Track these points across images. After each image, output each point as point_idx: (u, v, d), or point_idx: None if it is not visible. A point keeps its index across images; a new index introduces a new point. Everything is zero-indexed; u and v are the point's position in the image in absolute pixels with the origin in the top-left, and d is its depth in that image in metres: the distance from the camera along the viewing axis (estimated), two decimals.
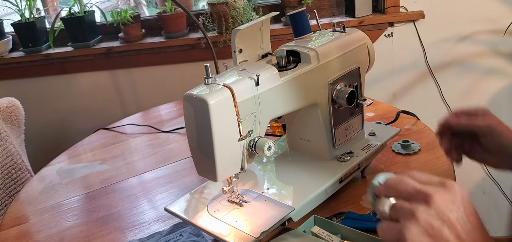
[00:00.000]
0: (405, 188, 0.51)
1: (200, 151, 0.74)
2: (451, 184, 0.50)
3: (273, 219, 0.75)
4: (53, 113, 2.00)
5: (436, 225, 0.48)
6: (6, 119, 1.39)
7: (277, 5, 1.84)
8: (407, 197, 0.50)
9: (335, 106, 0.88)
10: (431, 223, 0.48)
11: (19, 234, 0.95)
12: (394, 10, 1.72)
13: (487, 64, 1.79)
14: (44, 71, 1.92)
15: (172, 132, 1.33)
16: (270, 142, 0.74)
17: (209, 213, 0.80)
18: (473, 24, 1.73)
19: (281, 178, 0.88)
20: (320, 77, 0.84)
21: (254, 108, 0.74)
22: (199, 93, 0.70)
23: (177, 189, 1.02)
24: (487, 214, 2.02)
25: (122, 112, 1.95)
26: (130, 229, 0.90)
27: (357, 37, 0.91)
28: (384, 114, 1.22)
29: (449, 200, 0.49)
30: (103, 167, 1.18)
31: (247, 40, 0.85)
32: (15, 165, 1.35)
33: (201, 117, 0.70)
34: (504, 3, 1.69)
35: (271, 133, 1.18)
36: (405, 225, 0.48)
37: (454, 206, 0.49)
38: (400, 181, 0.52)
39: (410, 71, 1.82)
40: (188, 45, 1.81)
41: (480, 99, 1.84)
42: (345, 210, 0.83)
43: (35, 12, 1.91)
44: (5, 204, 1.28)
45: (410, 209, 0.49)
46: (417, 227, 0.48)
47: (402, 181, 0.51)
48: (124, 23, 1.80)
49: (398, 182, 0.52)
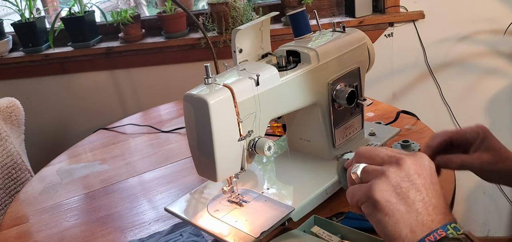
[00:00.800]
0: (377, 154, 0.55)
1: (200, 151, 0.74)
2: (421, 154, 0.54)
3: (273, 219, 0.75)
4: (53, 114, 2.00)
5: (404, 185, 0.51)
6: (6, 119, 1.39)
7: (277, 5, 1.84)
8: (379, 163, 0.54)
9: (335, 106, 0.88)
10: (400, 183, 0.51)
11: (19, 234, 0.95)
12: (394, 10, 1.72)
13: (487, 64, 1.78)
14: (44, 71, 1.92)
15: (172, 132, 1.33)
16: (270, 142, 0.74)
17: (209, 213, 0.80)
18: (473, 24, 1.73)
19: (281, 178, 0.88)
20: (320, 77, 0.84)
21: (254, 108, 0.74)
22: (199, 93, 0.70)
23: (177, 189, 1.02)
24: (487, 214, 2.02)
25: (122, 112, 1.95)
26: (130, 229, 0.90)
27: (357, 37, 0.91)
28: (384, 114, 1.22)
29: (419, 165, 0.53)
30: (103, 167, 1.18)
31: (247, 40, 0.86)
32: (15, 165, 1.35)
33: (201, 117, 0.70)
34: (504, 3, 1.69)
35: (271, 133, 1.18)
36: (375, 181, 0.52)
37: (423, 172, 0.52)
38: (373, 149, 0.56)
39: (410, 71, 1.82)
40: (188, 45, 1.81)
41: (480, 99, 1.84)
42: (345, 210, 0.83)
43: (35, 12, 1.92)
44: (5, 204, 1.28)
45: (381, 169, 0.52)
46: (386, 184, 0.51)
47: (375, 149, 0.56)
48: (124, 23, 1.80)
49: (371, 150, 0.56)
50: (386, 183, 0.51)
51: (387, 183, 0.51)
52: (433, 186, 0.52)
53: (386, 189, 0.51)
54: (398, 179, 0.51)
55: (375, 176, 0.52)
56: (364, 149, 0.57)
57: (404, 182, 0.51)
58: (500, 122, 1.88)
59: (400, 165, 0.52)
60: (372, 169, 0.54)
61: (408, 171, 0.52)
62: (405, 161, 0.52)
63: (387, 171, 0.52)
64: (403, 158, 0.53)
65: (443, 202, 0.52)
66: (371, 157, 0.55)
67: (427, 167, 0.53)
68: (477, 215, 2.00)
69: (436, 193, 0.52)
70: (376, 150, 0.56)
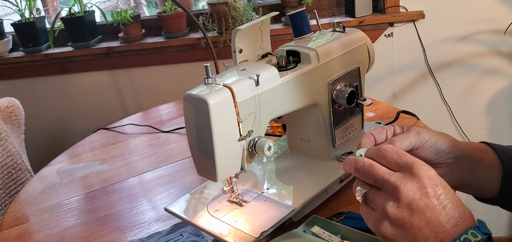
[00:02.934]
0: (375, 175, 0.54)
1: (200, 151, 0.74)
2: (417, 169, 0.52)
3: (273, 219, 0.75)
4: (53, 113, 2.01)
5: (405, 216, 0.51)
6: (6, 119, 1.39)
7: (277, 5, 1.84)
8: (379, 184, 0.54)
9: (335, 106, 0.88)
10: (401, 216, 0.51)
11: (19, 234, 0.95)
12: (394, 10, 1.72)
13: (487, 64, 1.78)
14: (44, 71, 1.92)
15: (172, 132, 1.33)
16: (270, 142, 0.74)
17: (209, 213, 0.80)
18: (473, 24, 1.73)
19: (281, 178, 0.88)
20: (320, 77, 0.84)
21: (254, 108, 0.74)
22: (199, 93, 0.70)
23: (177, 189, 1.02)
24: (487, 214, 2.01)
25: (122, 112, 1.95)
26: (130, 229, 0.90)
27: (357, 37, 0.91)
28: (384, 114, 1.22)
29: (416, 188, 0.51)
30: (103, 167, 1.18)
31: (247, 40, 0.85)
32: (15, 165, 1.35)
33: (201, 117, 0.70)
34: (504, 3, 1.69)
35: (271, 133, 1.18)
36: (378, 219, 0.52)
37: (422, 193, 0.51)
38: (370, 167, 0.55)
39: (410, 71, 1.82)
40: (188, 45, 1.81)
41: (480, 99, 1.84)
42: (345, 210, 0.83)
43: (35, 12, 1.92)
44: (5, 204, 1.28)
45: (381, 205, 0.52)
46: (388, 221, 0.52)
47: (372, 168, 0.54)
48: (124, 23, 1.80)
49: (369, 169, 0.55)
50: (388, 220, 0.52)
51: (388, 220, 0.52)
52: (438, 198, 0.51)
53: (389, 226, 0.52)
54: (397, 213, 0.51)
55: (377, 209, 0.53)
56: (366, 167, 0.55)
57: (404, 213, 0.51)
58: (500, 122, 1.88)
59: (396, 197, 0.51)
60: (373, 198, 0.54)
61: (406, 200, 0.51)
62: (400, 191, 0.51)
63: (387, 207, 0.52)
64: (398, 187, 0.51)
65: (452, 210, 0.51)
66: (371, 177, 0.54)
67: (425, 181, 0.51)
68: (477, 215, 1.98)
69: (441, 207, 0.51)
70: (374, 169, 0.54)
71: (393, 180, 0.52)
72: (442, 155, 0.63)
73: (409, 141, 0.61)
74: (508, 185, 0.63)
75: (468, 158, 0.64)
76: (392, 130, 0.64)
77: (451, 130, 1.88)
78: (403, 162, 0.53)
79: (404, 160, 0.53)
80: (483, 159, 0.64)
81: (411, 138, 0.61)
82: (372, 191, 0.54)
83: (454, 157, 0.64)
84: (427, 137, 0.62)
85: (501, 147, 0.66)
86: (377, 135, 0.63)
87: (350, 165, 0.57)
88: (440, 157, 0.63)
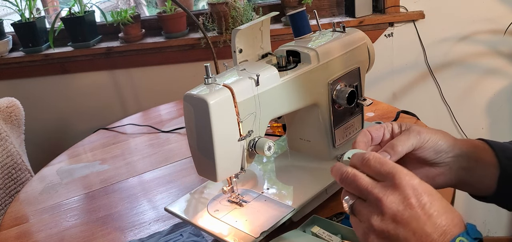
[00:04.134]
0: (359, 186, 0.53)
1: (200, 151, 0.74)
2: (399, 179, 0.51)
3: (273, 219, 0.75)
4: (53, 113, 2.01)
5: (391, 228, 0.50)
6: (6, 119, 1.39)
7: (277, 5, 1.84)
8: (363, 195, 0.53)
9: (335, 106, 0.88)
10: (386, 229, 0.51)
11: (19, 234, 0.95)
12: (394, 10, 1.72)
13: (487, 64, 1.78)
14: (44, 71, 1.92)
15: (172, 132, 1.33)
16: (270, 142, 0.74)
17: (209, 213, 0.80)
18: (473, 24, 1.73)
19: (281, 178, 0.88)
20: (320, 77, 0.84)
21: (254, 108, 0.74)
22: (199, 93, 0.70)
23: (177, 189, 1.02)
24: (487, 214, 2.02)
25: (122, 112, 1.95)
26: (130, 229, 0.90)
27: (357, 37, 0.91)
28: (384, 114, 1.22)
29: (399, 200, 0.51)
30: (103, 167, 1.18)
31: (247, 40, 0.85)
32: (15, 165, 1.35)
33: (201, 117, 0.70)
34: (504, 3, 1.69)
35: (271, 133, 1.18)
36: (365, 232, 0.53)
37: (405, 204, 0.50)
38: (354, 178, 0.54)
39: (410, 71, 1.82)
40: (188, 45, 1.81)
41: (480, 99, 1.84)
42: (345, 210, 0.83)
43: (35, 12, 1.92)
44: (5, 204, 1.28)
45: (367, 218, 0.52)
46: (374, 234, 0.52)
47: (356, 178, 0.54)
48: (124, 23, 1.80)
49: (353, 179, 0.54)
50: (374, 234, 0.52)
51: (374, 234, 0.52)
52: (422, 208, 0.50)
53: (376, 238, 0.52)
54: (382, 226, 0.51)
55: (363, 221, 0.53)
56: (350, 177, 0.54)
57: (389, 225, 0.50)
58: (500, 121, 1.88)
59: (380, 210, 0.51)
60: (359, 210, 0.54)
61: (389, 212, 0.50)
62: (383, 204, 0.51)
63: (371, 220, 0.51)
64: (381, 200, 0.51)
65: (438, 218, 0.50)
66: (356, 188, 0.54)
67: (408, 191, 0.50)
68: (477, 215, 2.00)
69: (426, 216, 0.50)
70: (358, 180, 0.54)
71: (375, 192, 0.52)
72: (442, 154, 0.63)
73: (410, 142, 0.61)
74: (504, 184, 0.63)
75: (466, 157, 0.64)
76: (390, 128, 0.64)
77: (451, 130, 1.88)
78: (386, 171, 0.52)
79: (386, 169, 0.52)
80: (481, 158, 0.64)
81: (412, 139, 0.61)
82: (358, 203, 0.54)
83: (453, 156, 0.63)
84: (427, 137, 0.62)
85: (499, 144, 0.65)
86: (374, 133, 0.63)
87: (336, 174, 0.56)
88: (440, 156, 0.63)
